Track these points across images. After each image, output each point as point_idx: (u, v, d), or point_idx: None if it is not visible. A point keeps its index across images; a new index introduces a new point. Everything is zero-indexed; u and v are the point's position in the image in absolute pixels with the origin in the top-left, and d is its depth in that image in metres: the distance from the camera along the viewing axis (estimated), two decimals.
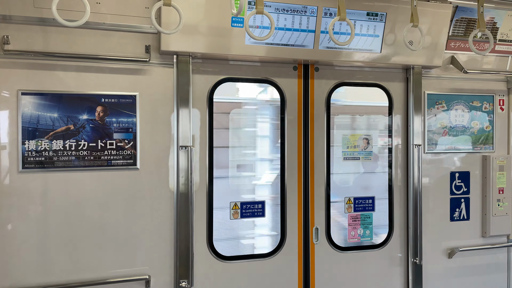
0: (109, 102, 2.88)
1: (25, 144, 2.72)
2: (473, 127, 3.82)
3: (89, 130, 2.85)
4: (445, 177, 3.76)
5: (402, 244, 3.64)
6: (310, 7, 3.05)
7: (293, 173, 3.36)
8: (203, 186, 3.15)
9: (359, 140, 3.58)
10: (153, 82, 2.99)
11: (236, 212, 3.27)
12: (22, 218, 2.75)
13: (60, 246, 2.82)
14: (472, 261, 3.82)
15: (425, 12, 3.23)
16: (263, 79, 3.32)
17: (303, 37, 3.11)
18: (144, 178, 2.97)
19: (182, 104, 3.02)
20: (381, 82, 3.59)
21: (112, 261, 2.92)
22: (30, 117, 2.73)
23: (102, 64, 2.88)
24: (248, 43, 3.00)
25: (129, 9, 2.87)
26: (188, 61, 3.02)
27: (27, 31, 2.71)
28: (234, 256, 3.26)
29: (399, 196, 3.64)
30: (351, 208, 3.54)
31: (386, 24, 3.25)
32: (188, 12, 2.72)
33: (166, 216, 3.03)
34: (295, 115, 3.38)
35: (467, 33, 3.60)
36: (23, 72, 2.73)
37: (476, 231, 3.85)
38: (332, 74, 3.46)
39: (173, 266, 3.04)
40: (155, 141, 3.01)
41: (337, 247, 3.47)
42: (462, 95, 3.79)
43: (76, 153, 2.82)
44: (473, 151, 3.83)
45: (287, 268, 3.34)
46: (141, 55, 2.94)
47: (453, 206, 3.77)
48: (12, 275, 2.73)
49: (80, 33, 2.80)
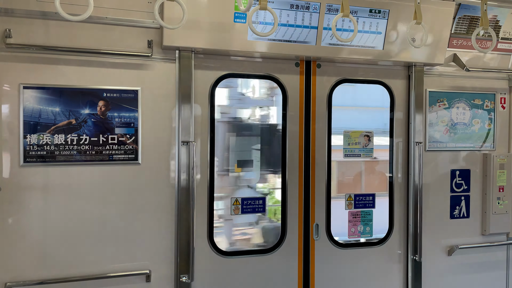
0: (111, 97, 2.88)
1: (26, 138, 2.72)
2: (474, 125, 3.82)
3: (91, 125, 2.84)
4: (446, 175, 3.76)
5: (402, 241, 3.65)
6: (313, 3, 3.04)
7: (294, 169, 3.37)
8: (204, 181, 3.15)
9: (360, 137, 3.58)
10: (155, 77, 2.99)
11: (237, 208, 3.28)
12: (23, 212, 2.75)
13: (61, 240, 2.82)
14: (471, 258, 3.83)
15: (428, 9, 3.22)
16: (265, 75, 3.32)
17: (305, 33, 3.10)
18: (145, 173, 2.97)
19: (184, 99, 3.02)
20: (383, 79, 3.59)
21: (113, 256, 2.93)
22: (32, 111, 2.73)
23: (104, 59, 2.87)
24: (250, 39, 3.00)
25: (131, 4, 2.86)
26: (190, 56, 3.01)
27: (29, 25, 2.70)
28: (234, 252, 3.27)
29: (399, 193, 3.64)
30: (352, 205, 3.55)
31: (388, 21, 3.24)
32: (191, 7, 2.71)
33: (167, 211, 3.03)
34: (297, 111, 3.38)
35: (470, 31, 3.60)
36: (25, 66, 2.72)
37: (476, 229, 3.86)
38: (334, 70, 3.45)
39: (174, 261, 3.05)
40: (157, 136, 3.00)
41: (337, 243, 3.47)
42: (464, 93, 3.79)
43: (78, 147, 2.81)
44: (474, 149, 3.83)
45: (287, 264, 3.35)
46: (143, 50, 2.93)
47: (453, 203, 3.78)
48: (13, 269, 2.73)
49: (82, 27, 2.79)
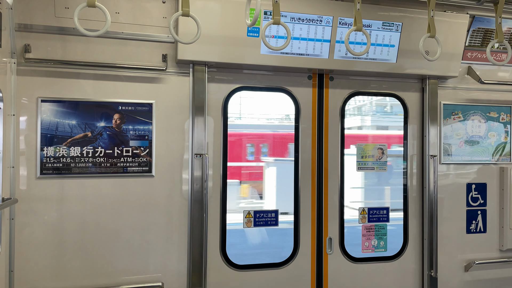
0: (126, 110, 2.92)
1: (43, 150, 2.77)
2: (490, 138, 3.77)
3: (106, 137, 2.88)
4: (461, 189, 3.70)
5: (417, 256, 3.59)
6: (325, 17, 3.06)
7: (307, 182, 3.35)
8: (216, 194, 3.16)
9: (373, 150, 3.56)
10: (169, 90, 3.03)
11: (249, 220, 3.27)
12: (39, 224, 2.79)
13: (75, 251, 2.85)
14: (489, 274, 3.74)
15: (442, 22, 3.21)
16: (277, 87, 3.34)
17: (318, 47, 3.12)
18: (159, 186, 2.99)
19: (198, 112, 3.04)
20: (396, 92, 3.57)
21: (126, 267, 2.94)
22: (49, 124, 2.78)
23: (119, 73, 2.92)
24: (263, 53, 3.02)
25: (147, 19, 2.92)
26: (204, 70, 3.05)
27: (47, 40, 2.77)
28: (247, 265, 3.25)
29: (414, 207, 3.59)
30: (365, 218, 3.51)
31: (401, 34, 3.24)
32: (205, 22, 2.75)
33: (180, 224, 3.04)
34: (309, 124, 3.38)
35: (484, 44, 3.57)
36: (43, 80, 2.79)
37: (493, 244, 3.77)
38: (347, 83, 3.46)
39: (186, 274, 3.05)
40: (170, 149, 3.03)
41: (351, 258, 3.43)
42: (479, 105, 3.74)
43: (93, 159, 2.85)
44: (490, 163, 3.77)
45: (300, 278, 3.32)
46: (158, 63, 2.97)
47: (470, 218, 3.71)
48: (29, 279, 2.76)
49: (98, 42, 2.85)
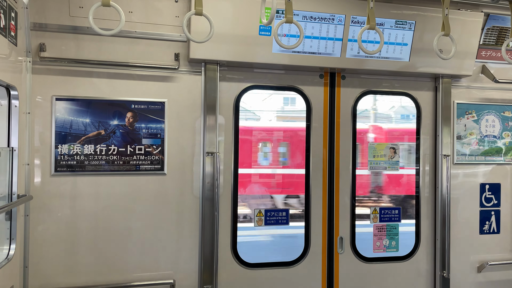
0: (139, 108, 2.94)
1: (58, 148, 2.80)
2: (504, 138, 3.72)
3: (119, 135, 2.91)
4: (475, 189, 3.66)
5: (429, 256, 3.56)
6: (338, 15, 3.04)
7: (318, 181, 3.35)
8: (228, 192, 3.17)
9: (385, 149, 3.53)
10: (181, 89, 3.04)
11: (260, 219, 3.27)
12: (53, 220, 2.83)
13: (88, 248, 2.89)
14: (502, 275, 3.69)
15: (456, 20, 3.18)
16: (289, 86, 3.33)
17: (330, 45, 3.11)
18: (170, 183, 3.01)
19: (209, 111, 3.06)
20: (409, 91, 3.54)
21: (138, 264, 2.97)
22: (63, 122, 2.82)
23: (132, 71, 2.95)
24: (275, 51, 3.02)
25: (159, 18, 2.94)
26: (216, 69, 3.06)
27: (61, 39, 2.81)
28: (258, 263, 3.25)
29: (427, 207, 3.56)
30: (377, 218, 3.49)
31: (415, 33, 3.21)
32: (217, 21, 2.75)
33: (191, 221, 3.06)
34: (321, 123, 3.37)
35: (499, 42, 3.52)
36: (58, 78, 2.83)
37: (507, 245, 3.73)
38: (359, 82, 3.44)
39: (198, 271, 3.06)
40: (182, 147, 3.05)
41: (362, 257, 3.42)
42: (493, 105, 3.70)
43: (106, 157, 2.88)
44: (504, 163, 3.73)
45: (311, 277, 3.31)
46: (170, 62, 2.99)
47: (483, 218, 3.67)
48: (43, 275, 2.80)
49: (111, 41, 2.88)
